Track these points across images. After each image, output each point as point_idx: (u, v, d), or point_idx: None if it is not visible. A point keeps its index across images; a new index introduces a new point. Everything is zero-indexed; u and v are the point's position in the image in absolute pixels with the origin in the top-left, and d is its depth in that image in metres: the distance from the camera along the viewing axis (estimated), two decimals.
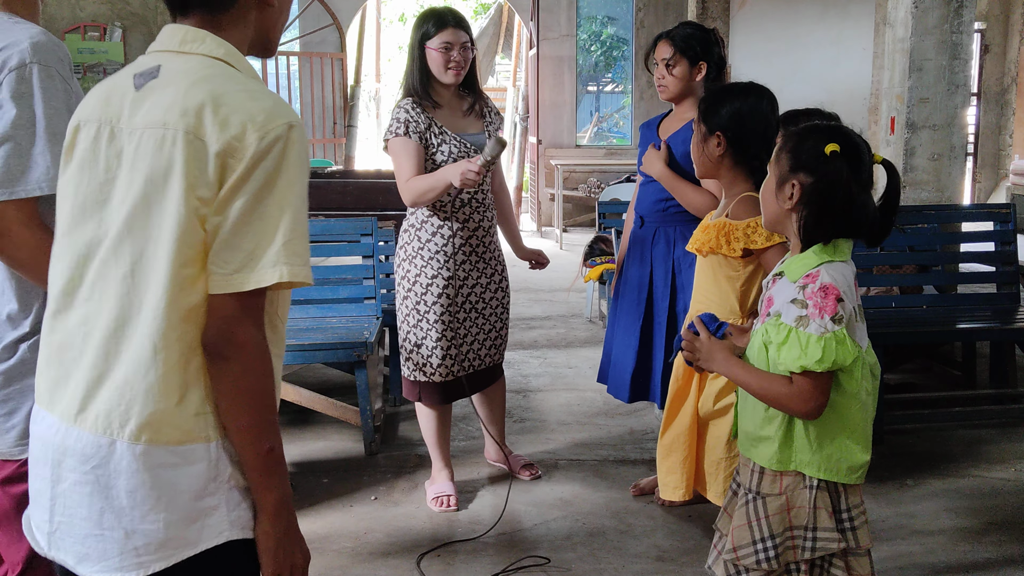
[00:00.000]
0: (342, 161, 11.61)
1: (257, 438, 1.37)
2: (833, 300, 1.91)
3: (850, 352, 1.90)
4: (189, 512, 1.35)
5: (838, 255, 1.98)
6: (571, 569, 3.00)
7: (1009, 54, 10.35)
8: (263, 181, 1.33)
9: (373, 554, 3.11)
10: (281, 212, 1.34)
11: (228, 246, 1.32)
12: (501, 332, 3.54)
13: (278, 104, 1.37)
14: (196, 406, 1.35)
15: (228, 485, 1.37)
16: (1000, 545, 3.16)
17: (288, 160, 1.35)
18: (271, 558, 1.41)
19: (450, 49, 3.25)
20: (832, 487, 2.00)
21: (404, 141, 3.26)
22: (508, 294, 3.56)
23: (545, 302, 7.05)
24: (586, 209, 11.08)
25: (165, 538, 1.34)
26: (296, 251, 1.35)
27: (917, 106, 4.89)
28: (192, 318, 1.34)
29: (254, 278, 1.33)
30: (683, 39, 3.39)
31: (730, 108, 2.79)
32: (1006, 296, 4.61)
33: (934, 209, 4.81)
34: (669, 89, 3.42)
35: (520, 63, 13.51)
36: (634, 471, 3.78)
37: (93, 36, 6.80)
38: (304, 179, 1.39)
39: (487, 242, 3.44)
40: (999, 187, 10.40)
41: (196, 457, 1.35)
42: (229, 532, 1.38)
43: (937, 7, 4.81)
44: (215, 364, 1.34)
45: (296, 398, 4.16)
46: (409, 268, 3.38)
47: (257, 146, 1.32)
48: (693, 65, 3.38)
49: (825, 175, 1.95)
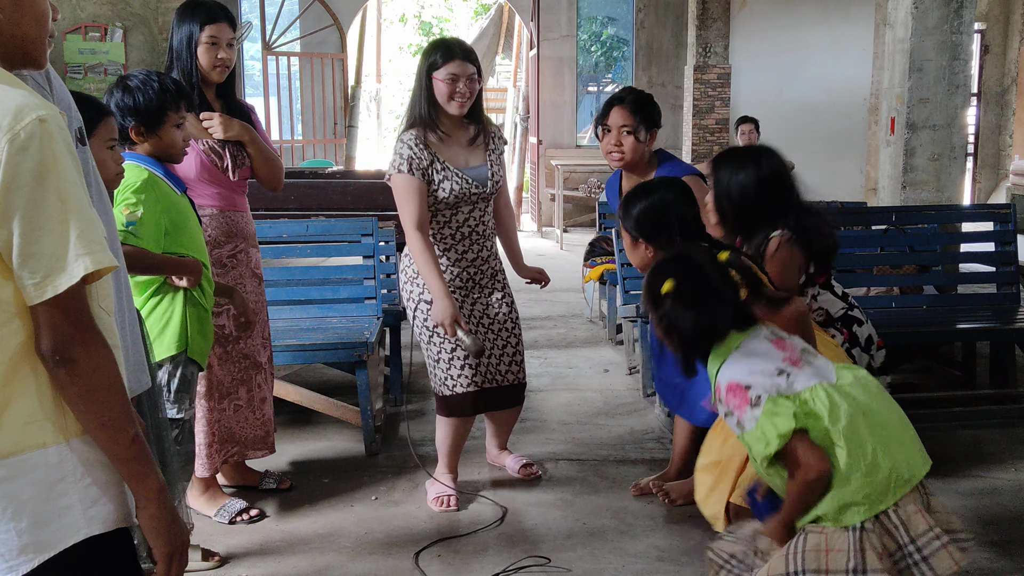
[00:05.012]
0: (343, 161, 11.62)
1: (120, 431, 1.39)
2: (742, 394, 2.01)
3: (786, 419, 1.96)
4: (39, 517, 1.36)
5: (726, 349, 2.09)
6: (571, 569, 3.00)
7: (1009, 54, 10.35)
8: (33, 181, 1.31)
9: (374, 554, 3.11)
10: (64, 205, 1.33)
11: (29, 256, 1.31)
12: (518, 348, 3.54)
13: (25, 101, 1.34)
14: (24, 415, 1.36)
15: (81, 484, 1.39)
16: (1000, 545, 3.16)
17: (51, 152, 1.33)
18: (164, 540, 1.46)
19: (456, 80, 3.25)
20: (887, 524, 1.95)
21: (407, 179, 3.28)
22: (515, 311, 3.57)
23: (545, 302, 7.05)
24: (586, 209, 11.08)
25: (22, 544, 1.36)
26: (92, 239, 1.35)
27: (917, 106, 4.90)
28: (5, 336, 1.34)
29: (65, 278, 1.32)
30: (639, 104, 3.48)
31: (638, 209, 2.91)
32: (1006, 296, 4.61)
33: (934, 209, 4.81)
34: (627, 156, 3.52)
35: (520, 63, 13.52)
36: (635, 471, 3.78)
37: (94, 37, 6.81)
38: (74, 164, 1.37)
39: (484, 269, 3.47)
40: (999, 187, 10.40)
41: (32, 465, 1.36)
42: (87, 529, 1.40)
43: (937, 8, 4.82)
44: (59, 371, 1.35)
45: (296, 398, 4.16)
46: (412, 289, 3.42)
47: (10, 149, 1.30)
48: (648, 131, 3.48)
49: (667, 314, 2.11)
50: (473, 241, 3.40)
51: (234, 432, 3.39)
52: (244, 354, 3.37)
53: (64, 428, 1.39)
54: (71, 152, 1.37)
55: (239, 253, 3.35)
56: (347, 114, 11.89)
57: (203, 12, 3.22)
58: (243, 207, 3.39)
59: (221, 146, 3.25)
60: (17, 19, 1.45)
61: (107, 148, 2.37)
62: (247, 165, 3.33)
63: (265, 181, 3.41)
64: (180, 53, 3.23)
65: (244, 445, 3.43)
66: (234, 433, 3.39)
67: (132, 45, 6.81)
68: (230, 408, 3.36)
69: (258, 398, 3.44)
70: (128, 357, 1.74)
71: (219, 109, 3.30)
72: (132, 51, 6.82)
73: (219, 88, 3.34)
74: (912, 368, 5.02)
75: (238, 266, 3.35)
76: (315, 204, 5.59)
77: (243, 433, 3.41)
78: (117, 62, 6.78)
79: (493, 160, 3.43)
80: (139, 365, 1.95)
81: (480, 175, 3.38)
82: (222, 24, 3.23)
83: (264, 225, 4.26)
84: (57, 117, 1.36)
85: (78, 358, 1.35)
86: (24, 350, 1.36)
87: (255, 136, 3.33)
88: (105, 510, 1.42)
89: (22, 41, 1.47)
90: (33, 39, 1.49)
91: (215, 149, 3.24)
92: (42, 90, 1.79)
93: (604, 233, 6.06)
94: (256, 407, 3.43)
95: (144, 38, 6.81)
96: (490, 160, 3.42)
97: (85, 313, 1.37)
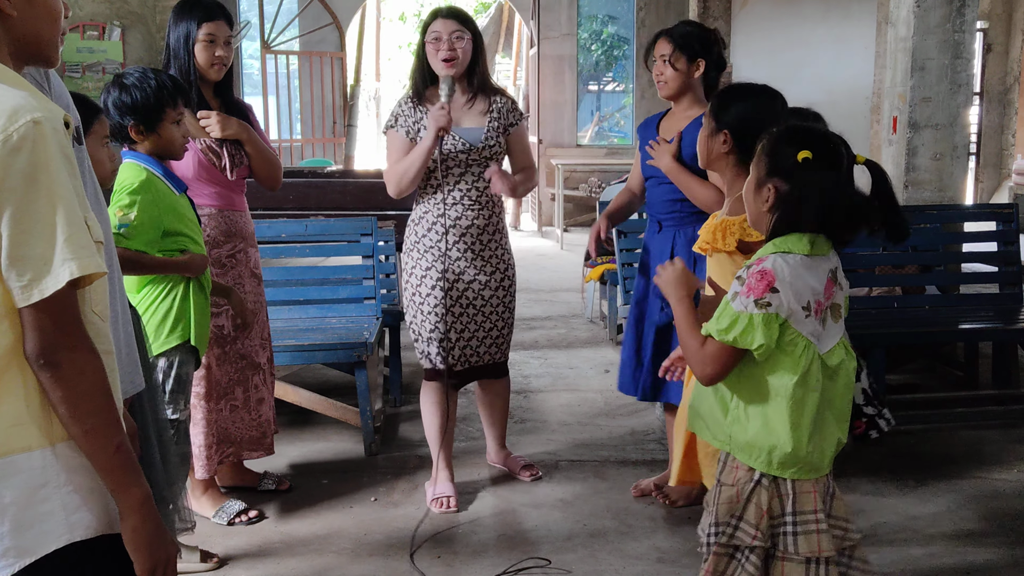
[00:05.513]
0: (342, 161, 11.60)
1: (104, 438, 1.37)
2: (764, 285, 1.94)
3: (756, 338, 1.93)
4: (20, 521, 1.35)
5: (799, 247, 1.99)
6: (572, 571, 2.99)
7: (1012, 53, 10.33)
8: (24, 184, 1.30)
9: (373, 555, 3.10)
10: (54, 209, 1.32)
11: (17, 258, 1.31)
12: (503, 331, 3.53)
13: (22, 102, 1.33)
14: (10, 418, 1.35)
15: (64, 490, 1.38)
16: (1003, 547, 3.15)
17: (43, 155, 1.32)
18: (145, 554, 1.43)
19: (439, 39, 3.29)
20: (780, 488, 2.01)
21: (391, 134, 3.41)
22: (512, 295, 3.55)
23: (545, 302, 7.03)
24: (587, 209, 11.06)
25: (2, 548, 1.35)
26: (80, 244, 1.34)
27: (919, 105, 4.87)
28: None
29: (50, 283, 1.31)
30: (682, 36, 3.40)
31: (741, 108, 2.78)
32: (1009, 296, 4.60)
33: (936, 209, 4.79)
34: (668, 85, 3.42)
35: (520, 62, 13.50)
36: (635, 472, 3.76)
37: (92, 35, 6.79)
38: (68, 168, 1.36)
39: (484, 240, 3.43)
40: (1002, 187, 10.38)
41: (16, 468, 1.35)
42: (69, 535, 1.38)
43: (939, 6, 4.79)
44: (46, 375, 1.34)
45: (296, 399, 4.15)
46: (407, 260, 3.49)
47: (2, 150, 1.29)
48: (691, 62, 3.38)
49: (797, 183, 1.99)
50: (466, 207, 3.38)
51: (230, 433, 3.37)
52: (241, 355, 3.35)
53: (50, 432, 1.37)
54: (66, 155, 1.36)
55: (238, 253, 3.33)
56: (346, 113, 11.88)
57: (200, 10, 3.21)
58: (241, 206, 3.37)
59: (219, 145, 3.23)
60: (30, 17, 1.44)
61: (102, 146, 2.36)
62: (245, 164, 3.31)
63: (263, 180, 3.40)
64: (177, 51, 3.22)
65: (239, 446, 3.42)
66: (230, 434, 3.37)
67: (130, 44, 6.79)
68: (226, 408, 3.35)
69: (254, 399, 3.42)
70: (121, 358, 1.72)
71: (217, 108, 3.29)
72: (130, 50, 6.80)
73: (217, 87, 3.32)
74: (914, 368, 5.01)
75: (237, 266, 3.33)
76: (314, 203, 5.56)
77: (238, 433, 3.40)
78: (115, 61, 6.76)
79: (493, 127, 3.40)
80: (133, 366, 1.93)
81: (472, 136, 3.36)
82: (219, 22, 3.22)
83: (263, 224, 4.24)
84: (54, 119, 1.35)
85: (63, 362, 1.34)
86: (12, 352, 1.35)
87: (253, 135, 3.31)
88: (88, 516, 1.40)
89: (35, 39, 1.47)
90: (47, 37, 1.49)
91: (213, 148, 3.22)
92: (41, 89, 1.77)
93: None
94: (252, 408, 3.41)
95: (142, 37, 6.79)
96: (490, 126, 3.39)
97: (72, 317, 1.36)
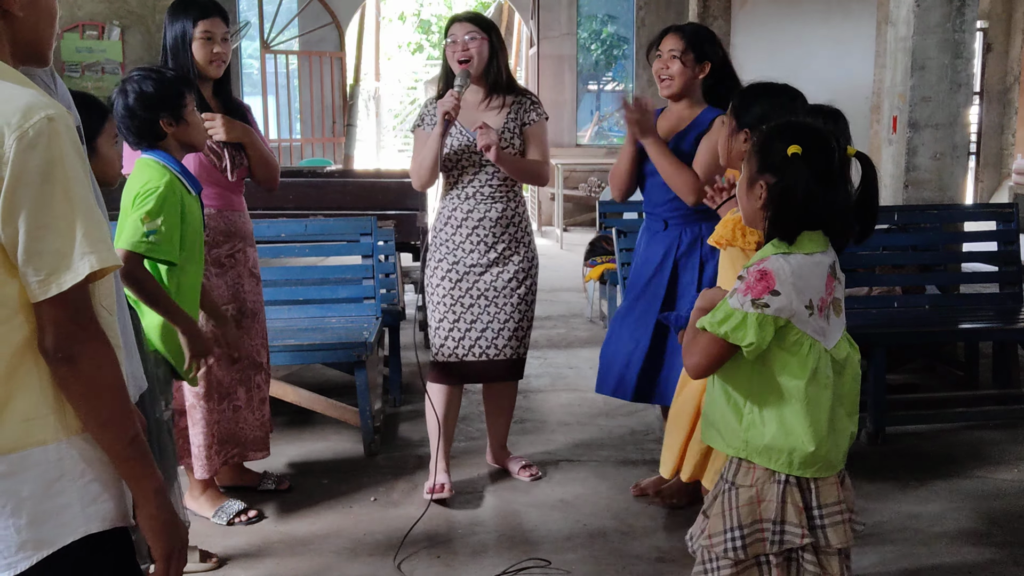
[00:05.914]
0: (341, 160, 11.59)
1: (120, 429, 1.40)
2: (764, 287, 1.95)
3: (747, 336, 1.94)
4: (38, 514, 1.37)
5: (799, 248, 2.00)
6: (571, 571, 2.98)
7: (1012, 53, 10.33)
8: (40, 179, 1.32)
9: (372, 555, 3.09)
10: (70, 204, 1.34)
11: (34, 253, 1.32)
12: (521, 324, 3.52)
13: (35, 100, 1.35)
14: (25, 412, 1.37)
15: (81, 482, 1.40)
16: (1003, 546, 3.14)
17: (59, 151, 1.34)
18: (164, 539, 1.46)
19: (456, 41, 3.38)
20: (804, 484, 2.03)
21: (418, 133, 3.56)
22: (530, 288, 3.54)
23: (545, 302, 7.03)
24: (586, 209, 11.06)
25: (21, 540, 1.37)
26: (98, 238, 1.36)
27: (919, 105, 4.87)
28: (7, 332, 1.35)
29: (69, 276, 1.33)
30: (694, 33, 3.37)
31: (761, 107, 2.78)
32: (1009, 296, 4.60)
33: (936, 209, 4.79)
34: (674, 82, 3.34)
35: (520, 62, 13.49)
36: (635, 472, 3.76)
37: (91, 35, 6.78)
38: (82, 164, 1.38)
39: (498, 233, 3.45)
40: (1002, 187, 10.38)
41: (32, 462, 1.37)
42: (86, 527, 1.40)
43: (939, 6, 4.79)
44: (61, 368, 1.36)
45: (295, 398, 4.14)
46: (429, 258, 3.59)
47: (18, 147, 1.31)
48: (699, 62, 3.34)
49: (786, 177, 1.99)
50: (479, 202, 3.44)
51: (234, 433, 3.36)
52: (242, 354, 3.34)
53: (65, 425, 1.39)
54: (78, 151, 1.38)
55: (237, 253, 3.33)
56: (346, 113, 11.87)
57: (196, 8, 3.21)
58: (240, 206, 3.37)
59: (220, 146, 3.23)
60: (35, 20, 1.48)
61: (112, 146, 2.38)
62: (245, 165, 3.31)
63: (262, 181, 3.40)
64: (176, 50, 3.21)
65: (244, 446, 3.41)
66: (234, 434, 3.37)
67: (129, 43, 6.78)
68: (229, 409, 3.34)
69: (257, 398, 3.42)
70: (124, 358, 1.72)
71: (216, 107, 3.28)
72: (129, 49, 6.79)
73: (215, 86, 3.32)
74: (915, 368, 5.01)
75: (236, 266, 3.33)
76: (313, 203, 5.55)
77: (243, 434, 3.39)
78: (114, 60, 6.75)
79: (509, 126, 3.42)
80: (134, 364, 1.93)
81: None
82: (215, 19, 3.22)
83: (262, 224, 4.24)
84: (65, 116, 1.37)
85: (80, 356, 1.36)
86: (27, 347, 1.37)
87: (255, 138, 3.32)
88: (104, 508, 1.42)
89: (36, 40, 1.50)
90: (47, 38, 1.52)
91: (214, 149, 3.22)
92: (48, 89, 1.80)
93: (604, 232, 6.03)
94: (256, 407, 3.41)
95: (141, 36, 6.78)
96: (505, 125, 3.42)
97: (88, 311, 1.38)
